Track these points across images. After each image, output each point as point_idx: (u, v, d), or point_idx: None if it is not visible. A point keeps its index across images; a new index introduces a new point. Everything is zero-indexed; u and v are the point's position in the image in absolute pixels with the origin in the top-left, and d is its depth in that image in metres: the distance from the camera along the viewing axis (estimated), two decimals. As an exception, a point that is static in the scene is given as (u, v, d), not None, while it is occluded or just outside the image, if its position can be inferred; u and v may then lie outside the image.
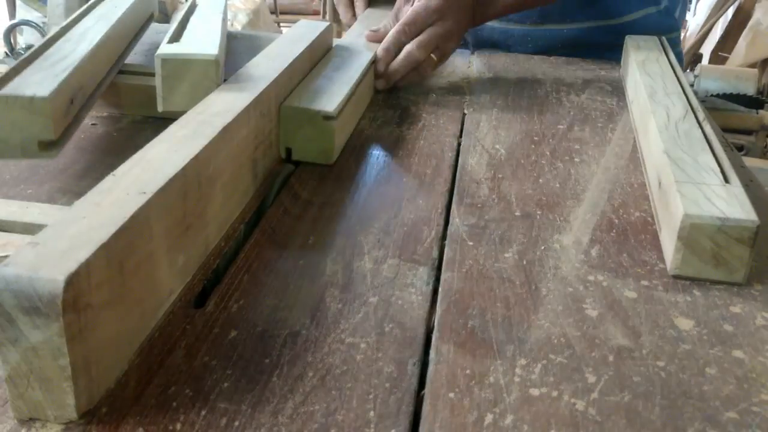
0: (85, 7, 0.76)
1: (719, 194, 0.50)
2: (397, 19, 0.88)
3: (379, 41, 0.86)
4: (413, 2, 0.88)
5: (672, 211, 0.50)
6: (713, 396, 0.38)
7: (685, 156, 0.56)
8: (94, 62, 0.64)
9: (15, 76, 0.56)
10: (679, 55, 1.17)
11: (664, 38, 0.96)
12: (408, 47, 0.84)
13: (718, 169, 0.54)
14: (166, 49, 0.62)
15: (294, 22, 1.14)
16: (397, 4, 0.91)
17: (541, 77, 0.95)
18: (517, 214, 0.57)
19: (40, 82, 0.54)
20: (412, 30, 0.84)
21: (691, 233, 0.47)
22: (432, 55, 0.85)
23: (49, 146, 0.54)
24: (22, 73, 0.56)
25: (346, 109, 0.68)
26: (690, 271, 0.49)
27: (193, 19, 0.75)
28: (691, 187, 0.51)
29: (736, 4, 2.86)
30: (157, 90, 0.61)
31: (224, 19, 0.76)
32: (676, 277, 0.49)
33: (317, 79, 0.72)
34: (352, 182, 0.62)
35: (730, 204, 0.49)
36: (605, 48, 1.04)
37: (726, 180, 0.53)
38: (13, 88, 0.53)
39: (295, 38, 0.77)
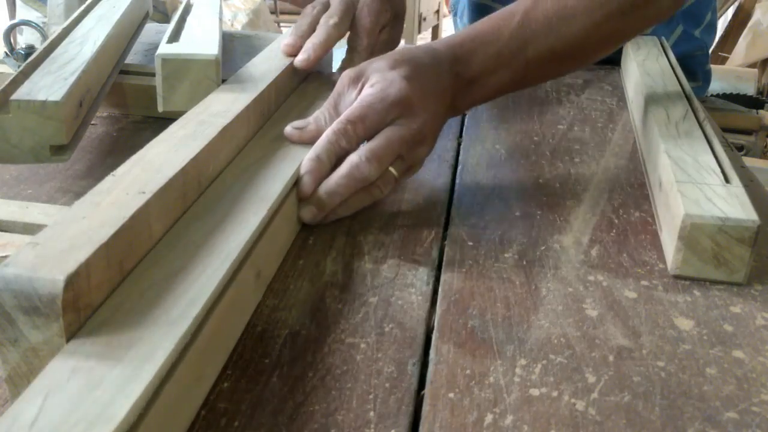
0: (83, 7, 0.76)
1: (720, 194, 0.50)
2: (336, 111, 0.57)
3: (309, 143, 0.56)
4: (361, 87, 0.57)
5: (673, 211, 0.50)
6: (713, 396, 0.38)
7: (685, 156, 0.56)
8: (99, 64, 0.64)
9: (24, 80, 0.56)
10: (707, 74, 1.14)
11: (663, 38, 0.96)
12: (353, 158, 0.53)
13: (718, 169, 0.54)
14: (166, 48, 0.62)
15: (294, 22, 1.13)
16: (337, 86, 0.59)
17: (541, 77, 0.95)
18: (517, 214, 0.57)
19: (50, 86, 0.54)
20: (359, 131, 0.54)
21: (692, 233, 0.47)
22: (391, 169, 0.55)
23: (60, 150, 0.54)
24: (31, 77, 0.56)
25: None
26: (691, 271, 0.49)
27: (189, 19, 0.75)
28: (692, 187, 0.51)
29: (736, 4, 2.86)
30: (158, 90, 0.61)
31: (220, 19, 0.76)
32: (676, 277, 0.49)
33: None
34: (352, 182, 0.62)
35: (731, 204, 0.49)
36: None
37: (726, 180, 0.53)
38: (24, 92, 0.53)
39: (295, 38, 0.77)
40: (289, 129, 0.57)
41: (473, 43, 0.61)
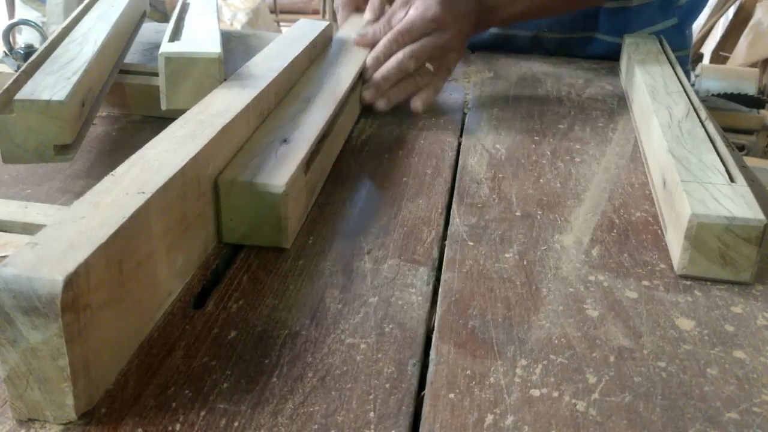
0: (82, 6, 0.76)
1: (725, 193, 0.50)
2: (389, 24, 0.80)
3: (368, 46, 0.80)
4: (409, 8, 0.79)
5: (678, 211, 0.50)
6: (714, 396, 0.38)
7: (689, 155, 0.56)
8: (100, 63, 0.64)
9: (27, 79, 0.56)
10: (687, 74, 1.15)
11: (662, 37, 0.96)
12: (398, 54, 0.76)
13: (723, 169, 0.54)
14: (169, 47, 0.61)
15: (294, 21, 1.12)
16: (393, 7, 0.82)
17: (542, 77, 0.95)
18: (518, 214, 0.57)
19: (53, 85, 0.54)
20: (405, 40, 0.77)
21: (699, 233, 0.47)
22: (428, 65, 0.78)
23: (64, 150, 0.54)
24: (33, 76, 0.56)
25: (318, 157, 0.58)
26: (697, 271, 0.48)
27: (188, 18, 0.75)
28: (697, 186, 0.51)
29: (737, 3, 2.85)
30: (161, 88, 0.61)
31: (218, 18, 0.76)
32: (683, 276, 0.49)
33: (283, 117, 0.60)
34: (352, 182, 0.62)
35: (737, 203, 0.49)
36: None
37: (731, 179, 0.53)
38: (27, 92, 0.53)
39: (294, 38, 0.77)
40: (354, 36, 0.81)
41: None
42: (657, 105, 0.68)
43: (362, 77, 0.76)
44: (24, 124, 0.52)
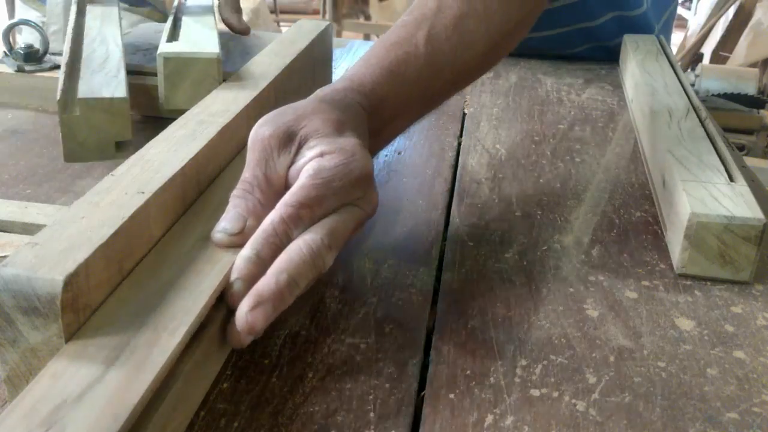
0: (75, 7, 0.76)
1: (725, 193, 0.50)
2: (269, 185, 0.43)
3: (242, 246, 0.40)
4: (297, 150, 0.43)
5: (678, 210, 0.50)
6: (714, 396, 0.38)
7: (689, 155, 0.56)
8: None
9: (72, 81, 0.56)
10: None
11: (662, 37, 0.96)
12: (314, 243, 0.39)
13: (722, 168, 0.54)
14: (168, 47, 0.62)
15: (294, 21, 1.12)
16: (259, 149, 0.43)
17: (542, 77, 0.95)
18: (518, 214, 0.57)
19: (107, 83, 0.55)
20: (315, 215, 0.41)
21: (698, 232, 0.47)
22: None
23: (122, 146, 0.55)
24: (81, 77, 0.57)
25: None
26: (696, 270, 0.48)
27: (185, 18, 0.75)
28: (697, 186, 0.51)
29: (737, 3, 2.86)
30: (159, 88, 0.61)
31: (215, 17, 0.76)
32: (682, 276, 0.49)
33: None
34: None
35: (736, 203, 0.49)
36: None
37: (731, 179, 0.53)
38: (87, 91, 0.53)
39: (294, 38, 0.77)
40: (219, 236, 0.41)
41: (383, 89, 0.52)
42: (657, 105, 0.68)
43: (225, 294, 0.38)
44: (87, 122, 0.53)
